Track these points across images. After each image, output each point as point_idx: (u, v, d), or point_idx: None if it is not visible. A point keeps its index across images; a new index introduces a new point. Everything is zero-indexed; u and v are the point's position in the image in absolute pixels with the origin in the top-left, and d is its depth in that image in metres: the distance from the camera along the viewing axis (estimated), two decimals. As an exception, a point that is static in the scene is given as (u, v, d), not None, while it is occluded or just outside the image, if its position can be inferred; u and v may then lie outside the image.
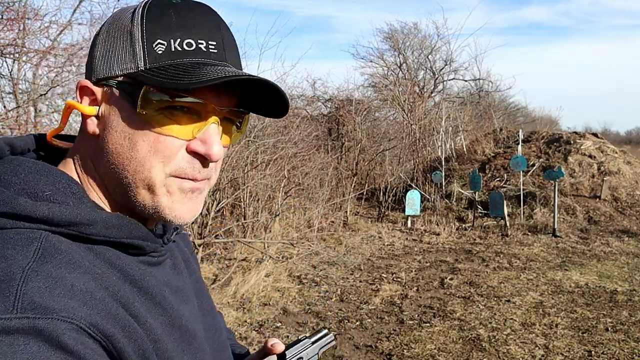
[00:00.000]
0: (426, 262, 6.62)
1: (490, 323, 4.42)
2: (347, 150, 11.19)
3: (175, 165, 0.59)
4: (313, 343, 0.87)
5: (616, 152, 11.20)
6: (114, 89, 0.59)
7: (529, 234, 8.28)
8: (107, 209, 0.62)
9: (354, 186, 10.01)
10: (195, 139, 0.59)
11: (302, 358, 0.84)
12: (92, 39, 0.63)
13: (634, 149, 24.92)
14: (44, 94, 5.45)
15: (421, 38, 18.49)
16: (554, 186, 8.31)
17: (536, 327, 4.33)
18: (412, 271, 6.17)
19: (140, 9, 0.58)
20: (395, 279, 5.82)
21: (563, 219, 8.97)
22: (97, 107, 0.60)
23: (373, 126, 12.62)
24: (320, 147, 10.26)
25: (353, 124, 11.15)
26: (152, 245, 0.63)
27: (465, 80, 18.94)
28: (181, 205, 0.61)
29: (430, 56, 18.34)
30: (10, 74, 5.50)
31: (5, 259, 0.49)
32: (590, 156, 10.75)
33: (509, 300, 5.00)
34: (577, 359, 3.76)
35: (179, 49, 0.57)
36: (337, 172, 10.01)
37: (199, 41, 0.58)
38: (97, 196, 0.62)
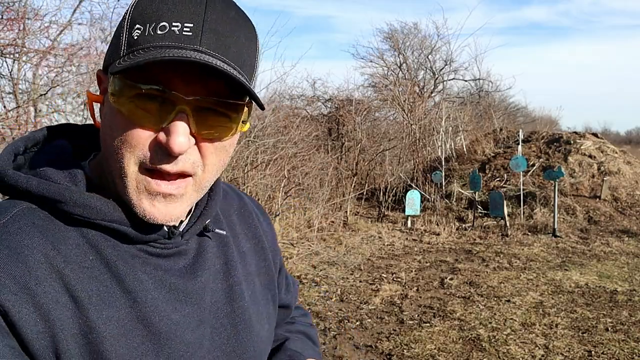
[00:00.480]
0: (426, 262, 6.62)
1: (490, 323, 4.42)
2: (347, 150, 11.19)
3: (142, 155, 0.56)
4: None
5: (616, 152, 11.20)
6: (109, 77, 0.58)
7: (529, 234, 8.28)
8: (113, 197, 0.62)
9: (354, 186, 10.01)
10: (161, 130, 0.56)
11: None
12: None
13: (634, 149, 24.94)
14: (44, 94, 5.45)
15: (421, 38, 18.51)
16: (554, 186, 8.31)
17: (536, 327, 4.33)
18: (412, 271, 6.17)
19: (135, 0, 0.58)
20: (395, 279, 5.82)
21: (563, 219, 8.97)
22: (105, 95, 0.60)
23: (373, 126, 12.62)
24: (320, 147, 10.26)
25: (353, 124, 11.15)
26: (142, 237, 0.62)
27: (465, 80, 18.96)
28: (151, 207, 0.58)
29: (430, 56, 18.35)
30: (10, 74, 5.50)
31: None
32: (590, 156, 10.75)
33: (509, 300, 5.00)
34: (577, 359, 3.76)
35: (152, 33, 0.55)
36: (337, 172, 10.01)
37: (174, 24, 0.55)
38: (104, 184, 0.63)
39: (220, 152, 0.61)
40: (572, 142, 11.22)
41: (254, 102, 0.60)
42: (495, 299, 5.08)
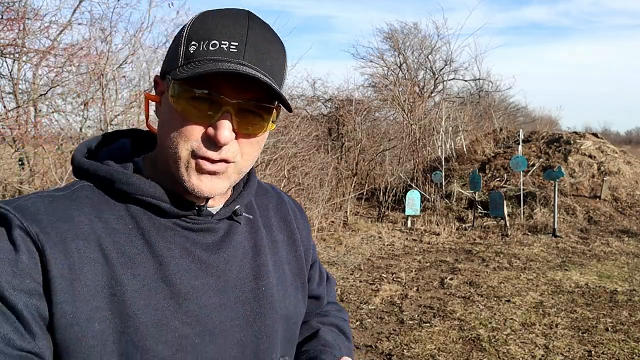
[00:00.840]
0: (426, 262, 6.62)
1: (490, 323, 4.42)
2: (347, 150, 11.19)
3: (194, 144, 0.71)
4: None
5: (616, 152, 11.20)
6: (166, 83, 0.73)
7: (529, 234, 8.28)
8: (163, 179, 0.76)
9: (354, 186, 10.01)
10: (210, 125, 0.71)
11: None
12: None
13: (634, 149, 24.94)
14: (44, 94, 5.45)
15: (421, 38, 18.50)
16: (554, 186, 8.31)
17: (536, 327, 4.33)
18: (412, 271, 6.17)
19: (192, 18, 0.74)
20: (395, 279, 5.82)
21: (563, 219, 8.97)
22: (162, 96, 0.75)
23: (373, 126, 12.62)
24: (320, 147, 10.25)
25: (353, 124, 11.15)
26: (175, 210, 0.76)
27: (465, 80, 18.96)
28: (199, 182, 0.73)
29: (430, 56, 18.35)
30: (10, 74, 5.50)
31: (57, 189, 0.75)
32: (590, 156, 10.75)
33: (509, 300, 5.00)
34: (577, 359, 3.76)
35: (205, 49, 0.69)
36: (337, 172, 10.01)
37: (222, 42, 0.70)
38: (162, 168, 0.77)
39: (254, 145, 0.76)
40: (572, 142, 11.21)
41: (281, 106, 0.75)
42: (495, 299, 5.08)
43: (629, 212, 9.29)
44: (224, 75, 0.68)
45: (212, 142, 0.70)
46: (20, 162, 5.29)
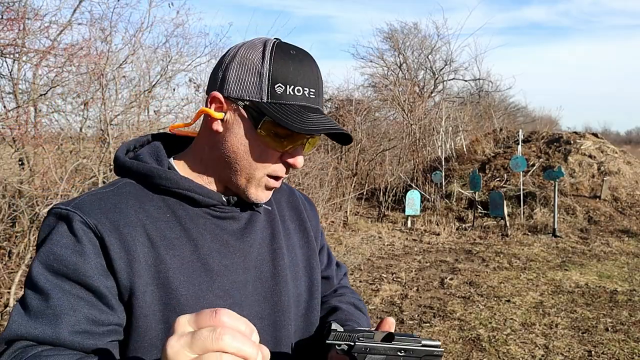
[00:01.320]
0: (426, 262, 6.61)
1: (490, 323, 4.42)
2: (347, 150, 11.18)
3: (272, 169, 0.87)
4: (423, 346, 0.82)
5: (616, 152, 11.19)
6: (241, 107, 0.84)
7: (529, 234, 8.28)
8: (199, 179, 0.90)
9: (354, 186, 10.01)
10: (288, 153, 0.87)
11: (405, 351, 0.81)
12: (220, 59, 0.90)
13: (634, 149, 24.94)
14: (44, 94, 5.45)
15: (421, 38, 18.51)
16: (554, 186, 8.31)
17: (536, 327, 4.33)
18: (412, 271, 6.17)
19: (269, 55, 0.83)
20: (395, 279, 5.82)
21: (563, 219, 8.96)
22: (223, 114, 0.86)
23: (373, 126, 12.62)
24: (320, 147, 10.25)
25: (353, 124, 11.14)
26: (206, 200, 0.88)
27: (465, 80, 18.96)
28: (262, 194, 0.90)
29: (430, 56, 18.35)
30: (10, 74, 5.49)
31: (103, 187, 0.87)
32: (590, 156, 10.74)
33: (509, 300, 5.00)
34: (577, 359, 3.76)
35: (291, 93, 0.83)
36: (337, 172, 10.01)
37: (304, 88, 0.84)
38: (196, 168, 0.91)
39: None
40: (572, 142, 11.21)
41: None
42: (495, 299, 5.08)
43: (629, 212, 9.29)
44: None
45: (287, 166, 0.88)
46: (20, 162, 5.30)
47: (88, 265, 0.76)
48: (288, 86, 0.83)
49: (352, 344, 0.78)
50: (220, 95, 0.86)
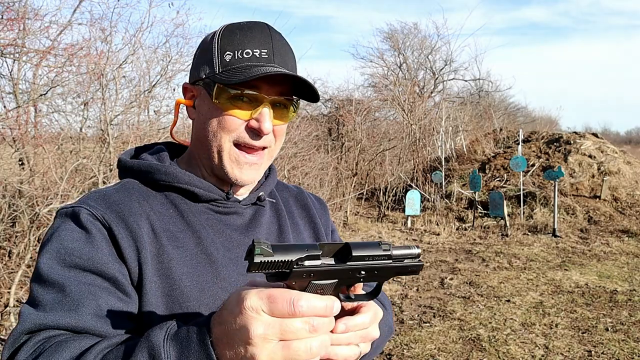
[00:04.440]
0: (426, 262, 6.62)
1: (490, 323, 4.42)
2: (347, 150, 11.19)
3: (236, 135, 0.86)
4: (393, 261, 0.66)
5: (616, 152, 11.19)
6: (201, 87, 0.88)
7: (529, 234, 8.28)
8: (198, 173, 0.92)
9: (354, 186, 10.01)
10: (252, 118, 0.85)
11: (367, 272, 0.64)
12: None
13: (634, 149, 24.94)
14: (44, 94, 5.45)
15: (421, 38, 18.52)
16: (554, 186, 8.31)
17: (536, 327, 4.33)
18: (412, 271, 6.17)
19: (219, 32, 0.88)
20: (395, 279, 5.82)
21: (563, 219, 8.96)
22: (194, 100, 0.91)
23: (373, 126, 12.62)
24: (320, 147, 10.25)
25: (353, 124, 11.15)
26: (207, 194, 0.90)
27: (465, 80, 18.96)
28: (240, 173, 0.88)
29: (430, 56, 18.35)
30: (10, 74, 5.50)
31: (106, 187, 0.90)
32: (590, 156, 10.74)
33: (509, 300, 5.00)
34: (577, 359, 3.76)
35: (240, 56, 0.85)
36: (337, 172, 10.01)
37: (254, 50, 0.85)
38: (192, 164, 0.93)
39: (281, 133, 0.92)
40: (572, 142, 11.21)
41: (298, 100, 0.91)
42: (495, 299, 5.08)
43: (629, 212, 9.29)
44: (263, 77, 0.82)
45: (255, 133, 0.86)
46: (20, 162, 5.30)
47: (101, 253, 0.77)
48: (236, 52, 0.84)
49: (288, 271, 0.59)
50: (188, 85, 0.92)
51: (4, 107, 5.40)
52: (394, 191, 10.49)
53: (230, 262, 0.87)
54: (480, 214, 9.30)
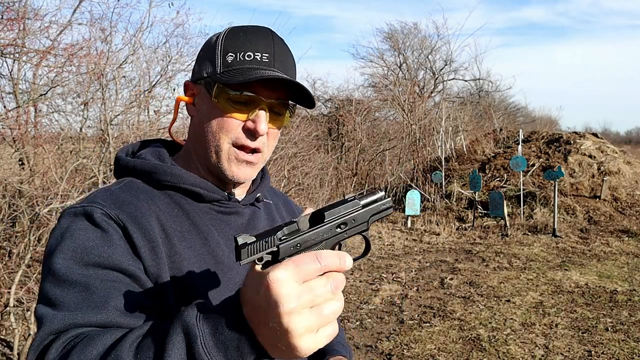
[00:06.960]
0: (426, 262, 6.61)
1: (490, 323, 4.42)
2: (347, 150, 11.19)
3: (234, 136, 0.88)
4: (363, 207, 0.70)
5: (616, 152, 11.19)
6: (202, 85, 0.90)
7: (529, 234, 8.28)
8: (195, 171, 0.93)
9: (354, 186, 10.01)
10: (249, 120, 0.88)
11: (346, 224, 0.68)
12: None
13: (634, 149, 24.91)
14: (44, 94, 5.45)
15: (421, 38, 18.52)
16: (554, 186, 8.31)
17: (536, 327, 4.33)
18: (412, 271, 6.17)
19: (223, 33, 0.90)
20: (395, 279, 5.82)
21: (563, 219, 8.96)
22: (194, 98, 0.92)
23: (373, 126, 12.63)
24: (320, 147, 10.26)
25: (353, 124, 11.15)
26: (211, 195, 0.91)
27: (465, 80, 18.97)
28: (237, 170, 0.90)
29: (430, 56, 18.35)
30: (10, 74, 5.50)
31: (109, 186, 0.90)
32: (590, 156, 10.74)
33: (509, 300, 5.00)
34: (577, 359, 3.76)
35: (242, 58, 0.87)
36: (337, 172, 10.01)
37: (256, 53, 0.87)
38: (190, 163, 0.94)
39: (275, 136, 0.94)
40: (572, 142, 11.21)
41: (294, 106, 0.93)
42: (495, 299, 5.08)
43: (629, 212, 9.29)
44: (262, 80, 0.84)
45: (250, 133, 0.88)
46: (20, 162, 5.30)
47: (120, 251, 0.78)
48: (238, 54, 0.87)
49: (276, 249, 0.61)
50: (189, 82, 0.93)
51: (4, 107, 5.40)
52: (394, 191, 10.49)
53: (233, 262, 0.88)
54: (480, 214, 9.30)
